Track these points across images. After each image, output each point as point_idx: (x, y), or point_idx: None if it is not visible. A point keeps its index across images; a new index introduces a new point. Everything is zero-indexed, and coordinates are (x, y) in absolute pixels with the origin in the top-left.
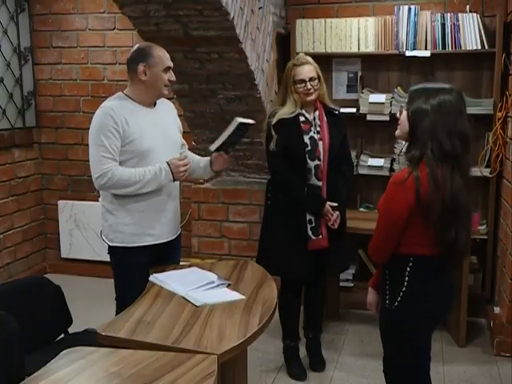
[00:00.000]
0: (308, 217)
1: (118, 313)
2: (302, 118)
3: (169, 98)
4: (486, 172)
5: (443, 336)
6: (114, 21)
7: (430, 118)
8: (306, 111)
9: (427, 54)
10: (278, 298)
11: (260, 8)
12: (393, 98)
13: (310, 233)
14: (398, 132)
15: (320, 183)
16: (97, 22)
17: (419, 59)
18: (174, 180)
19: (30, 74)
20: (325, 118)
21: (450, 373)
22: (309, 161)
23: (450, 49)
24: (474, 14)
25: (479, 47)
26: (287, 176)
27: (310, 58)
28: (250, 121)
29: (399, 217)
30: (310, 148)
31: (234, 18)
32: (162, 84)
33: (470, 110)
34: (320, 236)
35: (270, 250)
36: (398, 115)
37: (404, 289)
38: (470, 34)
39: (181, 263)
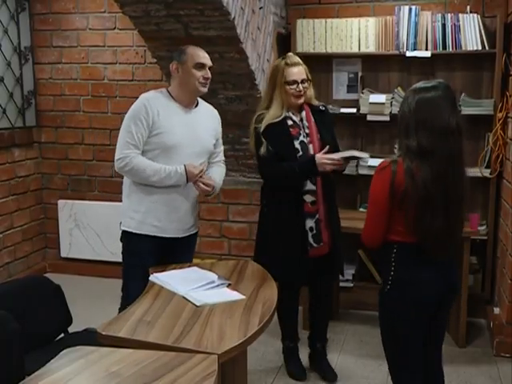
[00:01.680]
0: (308, 224)
1: (122, 304)
2: (289, 122)
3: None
4: (486, 173)
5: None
6: (114, 20)
7: (405, 118)
8: (293, 113)
9: (428, 54)
10: (279, 300)
11: (261, 8)
12: (393, 98)
13: (311, 240)
14: None
15: (314, 187)
16: (97, 22)
17: (420, 59)
18: (188, 181)
19: (31, 74)
20: (312, 119)
21: (449, 373)
22: None
23: (451, 49)
24: (475, 15)
25: (480, 48)
26: (278, 168)
27: (299, 59)
28: (364, 155)
29: (380, 201)
30: (301, 153)
31: (234, 17)
32: (194, 80)
33: (471, 111)
34: (321, 243)
35: (268, 256)
36: None
37: (392, 273)
38: (471, 34)
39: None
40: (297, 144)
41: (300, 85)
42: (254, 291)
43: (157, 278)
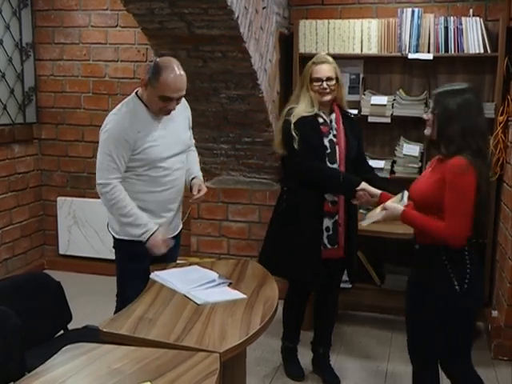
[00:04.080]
0: (325, 224)
1: (118, 307)
2: (320, 120)
3: None
4: None
5: None
6: (116, 18)
7: (457, 119)
8: (324, 113)
9: (430, 56)
10: (285, 299)
11: (264, 8)
12: (394, 100)
13: (325, 241)
14: (427, 131)
15: None
16: (99, 19)
17: (422, 62)
18: (145, 243)
19: (32, 70)
20: (341, 122)
21: None
22: (329, 164)
23: (453, 52)
24: (477, 18)
25: (482, 51)
26: (322, 167)
27: (330, 58)
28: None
29: (471, 198)
30: (329, 151)
31: (238, 17)
32: (155, 107)
33: None
34: (336, 246)
35: (281, 253)
36: (425, 116)
37: (468, 271)
38: (473, 37)
39: (179, 261)
40: (326, 141)
41: (324, 82)
42: (255, 291)
43: (157, 276)
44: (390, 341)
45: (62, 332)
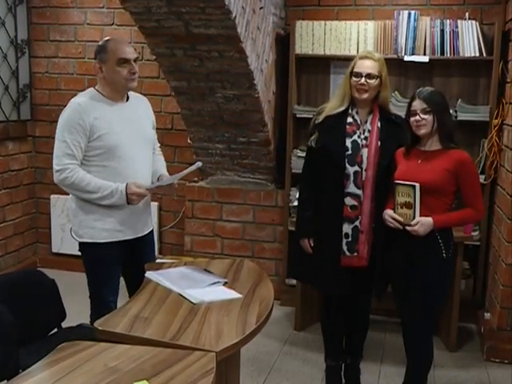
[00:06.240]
0: (344, 230)
1: (92, 310)
2: (349, 119)
3: (167, 95)
4: (481, 179)
5: (434, 340)
6: (112, 16)
7: (449, 112)
8: (357, 112)
9: (425, 59)
10: (322, 311)
11: (261, 8)
12: (390, 102)
13: (344, 248)
14: (424, 131)
15: (359, 192)
16: (95, 17)
17: (417, 64)
18: (128, 203)
19: (27, 67)
20: (378, 124)
21: (440, 377)
22: (348, 166)
23: (449, 55)
24: (473, 22)
25: (477, 54)
26: (304, 190)
27: (377, 55)
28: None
29: None
30: (350, 152)
31: (235, 16)
32: (120, 78)
33: (467, 117)
34: (355, 253)
35: (303, 259)
36: (418, 118)
37: (451, 241)
38: (469, 41)
39: (173, 261)
40: (348, 142)
41: (363, 78)
42: (251, 290)
43: (152, 275)
44: (383, 342)
45: (55, 330)
